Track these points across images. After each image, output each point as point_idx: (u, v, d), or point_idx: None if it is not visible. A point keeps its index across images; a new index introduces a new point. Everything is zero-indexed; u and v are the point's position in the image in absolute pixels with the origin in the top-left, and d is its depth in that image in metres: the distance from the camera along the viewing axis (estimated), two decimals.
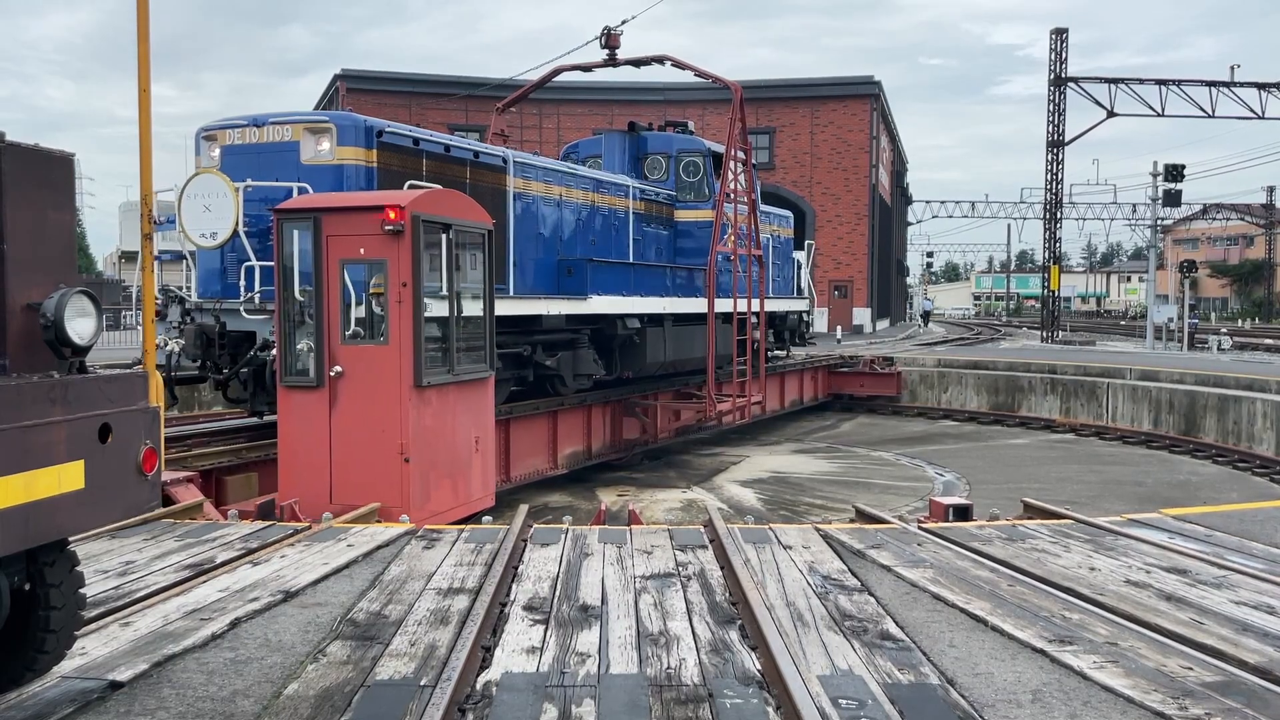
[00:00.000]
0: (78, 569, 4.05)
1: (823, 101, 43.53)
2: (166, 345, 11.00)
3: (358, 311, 8.86)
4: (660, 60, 16.64)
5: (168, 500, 8.54)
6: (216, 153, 11.36)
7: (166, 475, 8.82)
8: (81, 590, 4.08)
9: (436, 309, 8.97)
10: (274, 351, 10.22)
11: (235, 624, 4.99)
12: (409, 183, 11.33)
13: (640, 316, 15.16)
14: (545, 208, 14.06)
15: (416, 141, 11.87)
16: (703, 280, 17.00)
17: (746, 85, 17.03)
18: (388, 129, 11.42)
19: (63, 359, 3.63)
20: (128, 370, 4.06)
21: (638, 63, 16.77)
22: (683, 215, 17.69)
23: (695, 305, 16.66)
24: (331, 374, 8.55)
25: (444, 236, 8.99)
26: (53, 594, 3.90)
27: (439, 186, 11.62)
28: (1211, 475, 16.62)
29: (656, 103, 39.41)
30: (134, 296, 11.99)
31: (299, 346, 10.04)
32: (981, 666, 4.52)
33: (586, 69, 17.25)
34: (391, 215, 8.31)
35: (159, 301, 11.31)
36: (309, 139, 10.98)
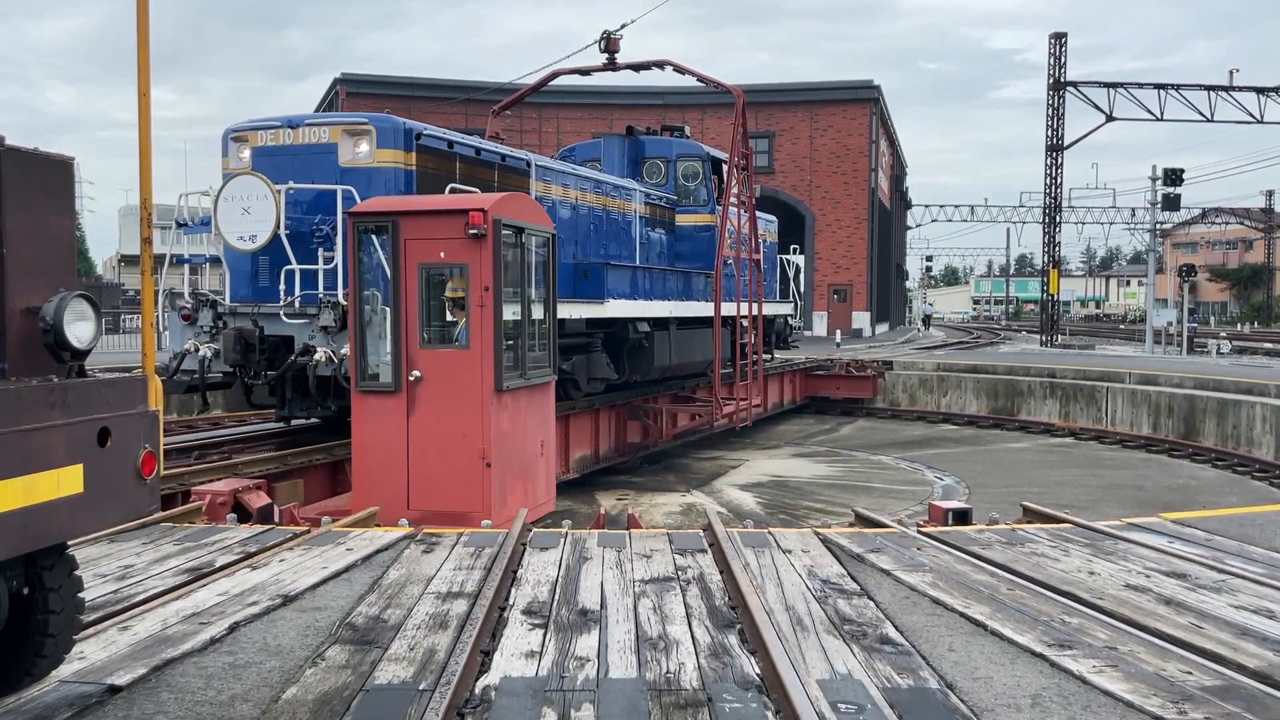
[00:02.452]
0: (76, 573, 4.05)
1: (822, 106, 43.58)
2: (199, 350, 10.90)
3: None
4: (660, 65, 16.66)
5: (241, 507, 8.56)
6: (246, 154, 11.25)
7: (236, 484, 8.77)
8: (80, 594, 4.07)
9: (509, 313, 8.94)
10: (316, 356, 10.21)
11: (234, 628, 4.99)
12: (450, 186, 11.35)
13: (649, 320, 15.19)
14: (563, 211, 14.09)
15: (451, 144, 11.85)
16: (702, 284, 17.04)
17: (746, 89, 17.04)
18: (425, 132, 11.37)
19: (62, 363, 3.63)
20: (127, 374, 4.06)
21: (637, 67, 16.78)
22: (683, 219, 17.72)
23: (699, 309, 16.69)
24: (410, 379, 8.46)
25: (517, 240, 8.97)
26: (51, 598, 3.89)
27: (477, 190, 11.65)
28: (1211, 479, 16.63)
29: (656, 106, 39.43)
30: (159, 299, 11.88)
31: (343, 350, 9.96)
32: (981, 671, 4.52)
33: (585, 73, 17.27)
34: (476, 219, 8.26)
35: (189, 305, 11.25)
36: (347, 141, 10.90)
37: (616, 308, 14.07)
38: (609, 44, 16.40)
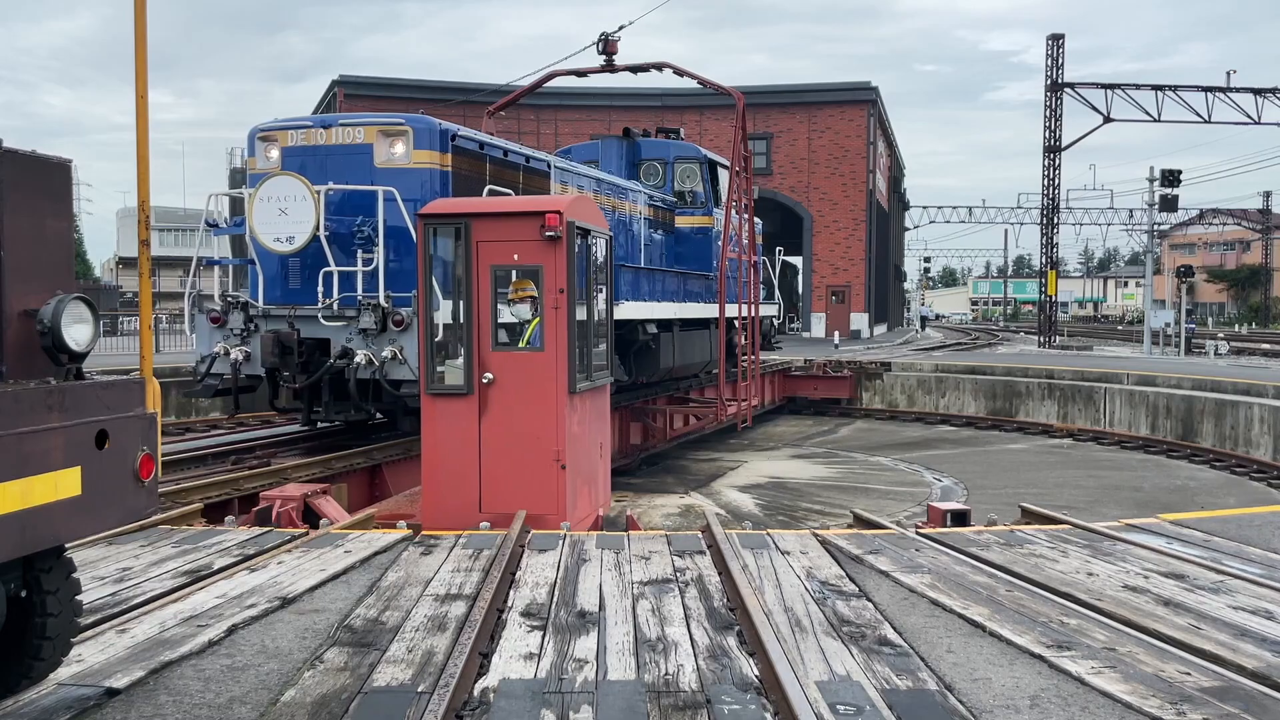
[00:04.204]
0: (74, 576, 4.04)
1: (820, 107, 43.60)
2: (229, 354, 10.80)
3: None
4: (659, 67, 16.66)
5: (311, 513, 8.53)
6: (275, 154, 11.12)
7: (305, 489, 8.75)
8: (78, 597, 4.07)
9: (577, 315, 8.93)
10: (356, 359, 10.17)
11: (232, 631, 4.98)
12: (487, 188, 11.34)
13: (655, 322, 15.20)
14: None
15: (481, 145, 11.82)
16: (699, 285, 17.05)
17: (744, 91, 17.06)
18: (459, 133, 11.32)
19: (60, 365, 3.63)
20: (125, 376, 4.05)
21: (635, 69, 16.79)
22: (682, 221, 17.76)
23: (699, 310, 16.73)
24: (483, 381, 8.39)
25: (583, 242, 8.93)
26: (49, 601, 3.89)
27: (511, 191, 11.67)
28: (1209, 480, 16.63)
29: (654, 108, 39.47)
30: (187, 300, 11.65)
31: (385, 352, 10.10)
32: (979, 672, 4.52)
33: (581, 74, 17.29)
34: (552, 221, 8.22)
35: (218, 308, 11.13)
36: (382, 141, 10.83)
37: (630, 309, 13.99)
38: (607, 46, 16.41)
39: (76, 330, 3.63)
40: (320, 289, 10.51)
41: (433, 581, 5.97)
